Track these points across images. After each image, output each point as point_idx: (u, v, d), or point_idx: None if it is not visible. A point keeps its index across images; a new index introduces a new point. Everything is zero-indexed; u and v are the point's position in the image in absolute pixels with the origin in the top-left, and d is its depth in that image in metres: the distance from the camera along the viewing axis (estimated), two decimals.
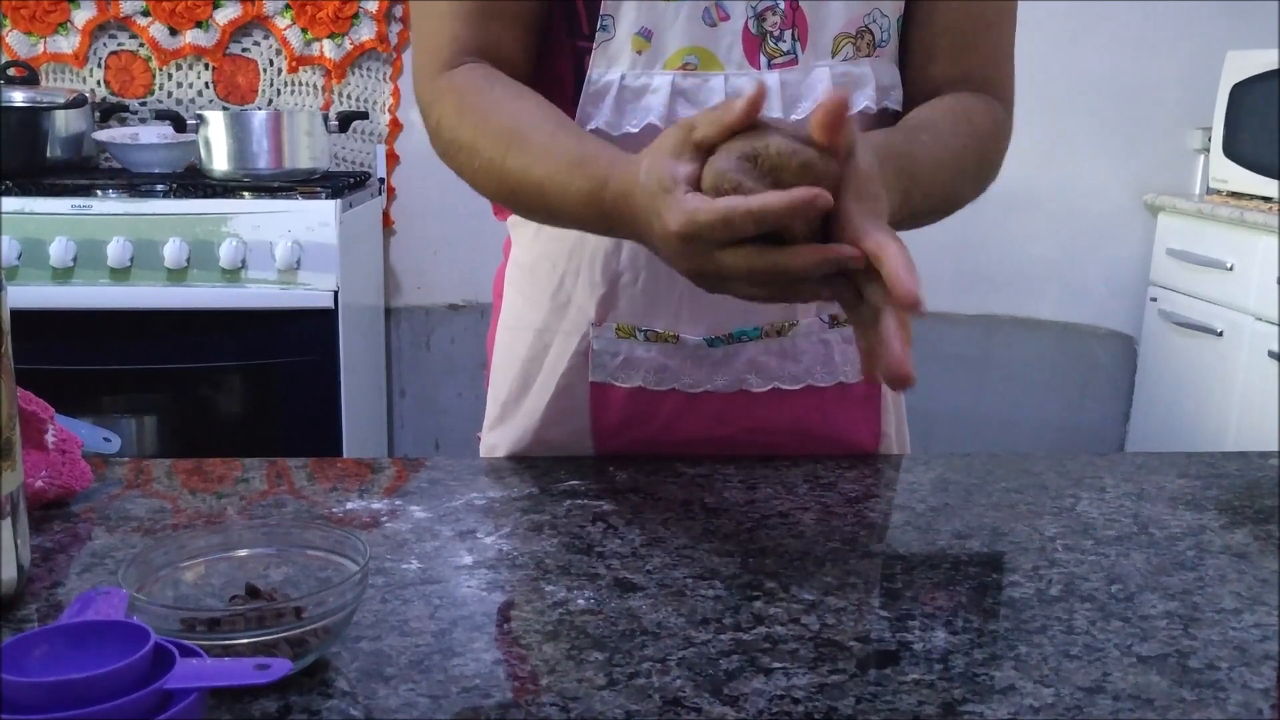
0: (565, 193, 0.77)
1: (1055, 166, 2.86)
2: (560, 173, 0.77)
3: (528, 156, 0.80)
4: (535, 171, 0.79)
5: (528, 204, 0.84)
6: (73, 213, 2.14)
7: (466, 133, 0.84)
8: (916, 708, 0.57)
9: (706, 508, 0.86)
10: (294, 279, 2.18)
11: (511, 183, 0.82)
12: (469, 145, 0.84)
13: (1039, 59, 2.77)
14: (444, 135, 0.87)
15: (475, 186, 0.86)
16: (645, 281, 0.92)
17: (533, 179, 0.79)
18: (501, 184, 0.83)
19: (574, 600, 0.69)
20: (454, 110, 0.85)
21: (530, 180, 0.80)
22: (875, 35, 0.90)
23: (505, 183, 0.82)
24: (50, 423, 0.85)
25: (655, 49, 0.87)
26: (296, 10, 2.66)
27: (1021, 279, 2.91)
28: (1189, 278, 2.71)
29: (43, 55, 2.64)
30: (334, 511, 0.84)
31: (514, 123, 0.82)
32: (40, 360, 1.72)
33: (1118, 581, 0.73)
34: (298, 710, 0.56)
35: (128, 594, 0.57)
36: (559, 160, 0.78)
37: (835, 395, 0.98)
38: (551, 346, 0.97)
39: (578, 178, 0.76)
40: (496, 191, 0.85)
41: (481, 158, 0.83)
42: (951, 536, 0.81)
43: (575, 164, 0.77)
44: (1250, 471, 0.98)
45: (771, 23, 0.87)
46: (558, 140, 0.80)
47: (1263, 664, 0.63)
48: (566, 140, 0.79)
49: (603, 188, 0.74)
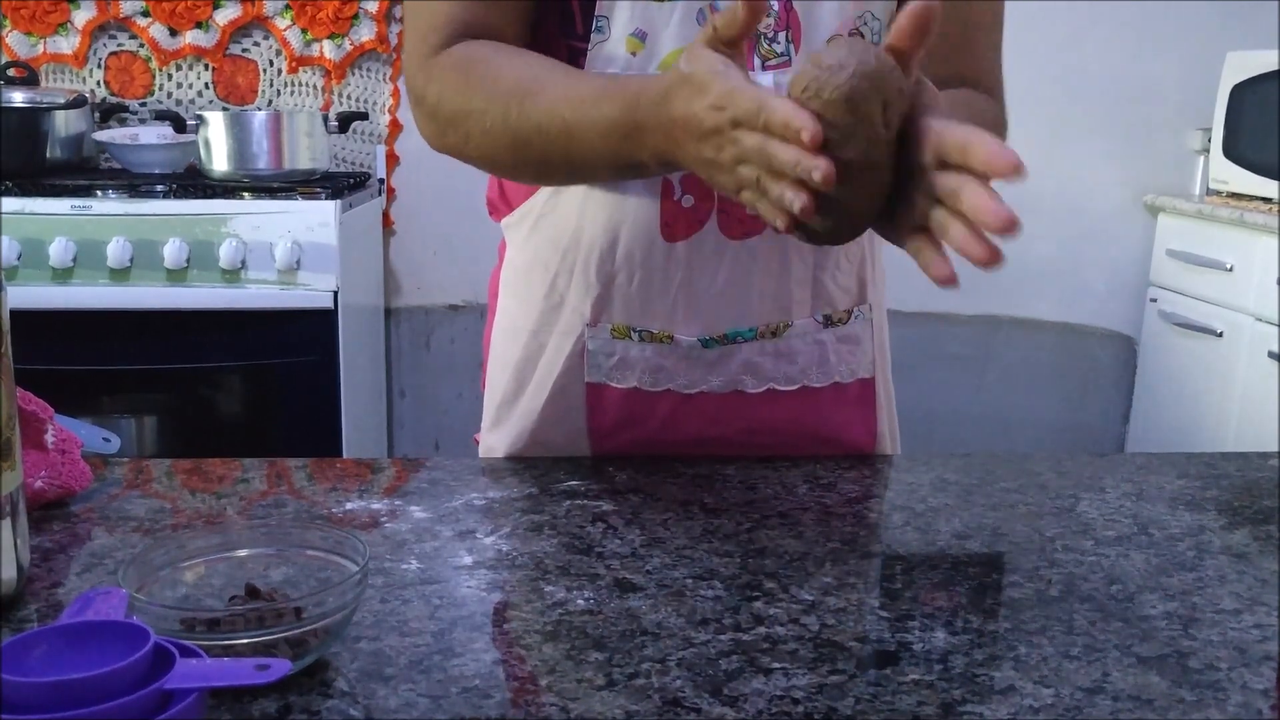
0: (593, 124, 0.78)
1: (1055, 166, 2.86)
2: (587, 104, 0.78)
3: (548, 99, 0.80)
4: (557, 112, 0.79)
5: (544, 149, 0.82)
6: (73, 213, 2.14)
7: (475, 98, 0.84)
8: (916, 708, 0.57)
9: (706, 508, 0.86)
10: (294, 279, 2.18)
11: (529, 129, 0.81)
12: (479, 109, 0.83)
13: (1039, 59, 2.77)
14: (445, 109, 0.86)
15: (480, 153, 0.86)
16: (640, 281, 0.92)
17: (554, 119, 0.80)
18: (516, 135, 0.82)
19: (574, 600, 0.69)
20: (457, 80, 0.85)
21: (551, 121, 0.80)
22: (866, 37, 0.91)
23: (521, 132, 0.82)
24: (50, 423, 0.85)
25: (649, 50, 0.87)
26: (296, 11, 2.66)
27: (1022, 279, 2.91)
28: (1189, 278, 2.71)
29: (43, 55, 2.64)
30: (334, 512, 0.84)
31: (529, 73, 0.82)
32: (40, 360, 1.72)
33: (1118, 582, 0.73)
34: (298, 710, 0.56)
35: (128, 594, 0.57)
36: (584, 96, 0.79)
37: (830, 396, 0.98)
38: (546, 348, 0.97)
39: (605, 106, 0.77)
40: (511, 144, 0.83)
41: (492, 115, 0.83)
42: (951, 536, 0.81)
43: (602, 95, 0.78)
44: (1250, 471, 0.98)
45: (765, 24, 0.88)
46: (576, 81, 0.81)
47: (1263, 664, 0.63)
48: (585, 81, 0.81)
49: (635, 105, 0.75)
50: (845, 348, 0.98)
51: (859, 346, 0.99)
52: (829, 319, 0.97)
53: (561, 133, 0.79)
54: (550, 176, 0.91)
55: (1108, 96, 2.86)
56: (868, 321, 1.00)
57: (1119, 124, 2.88)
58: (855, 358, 0.99)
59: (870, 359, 1.00)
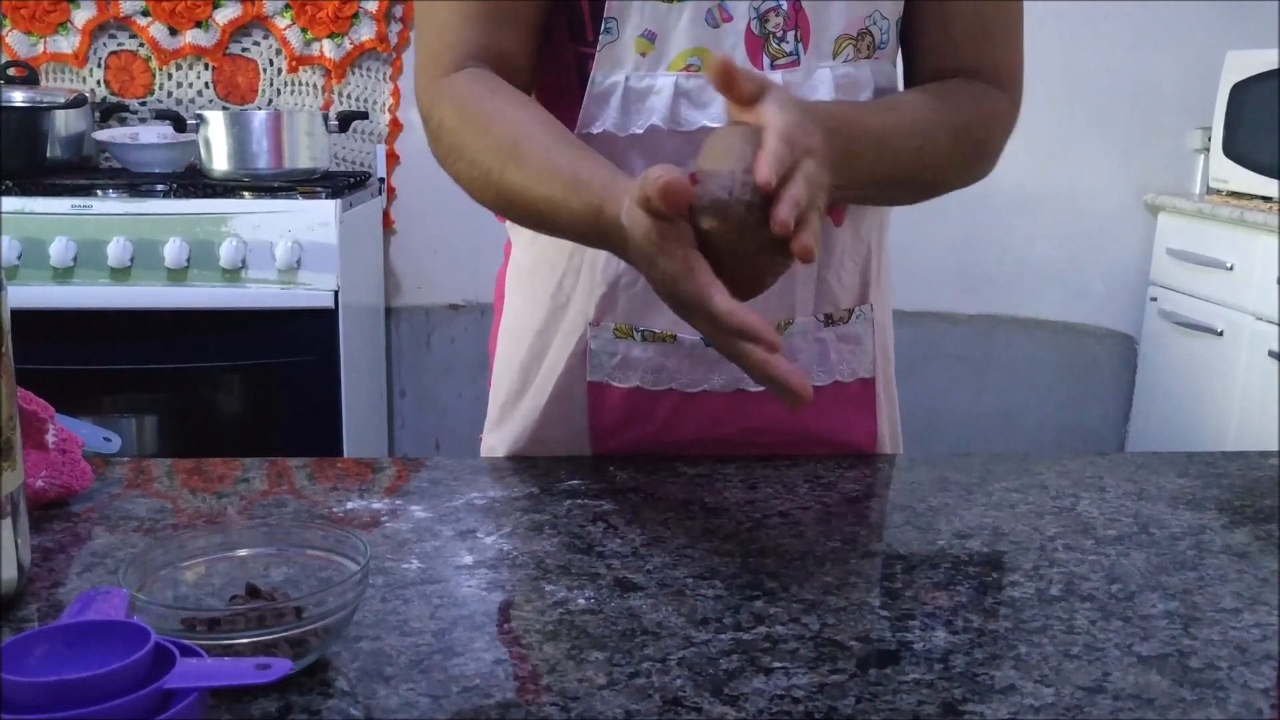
0: (562, 212, 0.78)
1: (1055, 166, 2.86)
2: (557, 193, 0.78)
3: (526, 173, 0.80)
4: (533, 190, 0.80)
5: (525, 219, 0.85)
6: (73, 213, 2.14)
7: (467, 141, 0.84)
8: (916, 707, 0.57)
9: (706, 507, 0.86)
10: (294, 279, 2.18)
11: (509, 196, 0.83)
12: (469, 155, 0.84)
13: (1039, 59, 2.74)
14: (444, 141, 0.87)
15: (473, 195, 0.87)
16: (645, 281, 0.92)
17: (531, 197, 0.80)
18: (499, 196, 0.84)
19: (574, 600, 0.69)
20: (454, 116, 0.86)
21: (528, 198, 0.81)
22: (875, 37, 0.91)
23: (503, 195, 0.83)
24: (50, 423, 0.85)
25: (659, 51, 0.87)
26: (296, 10, 2.66)
27: (1022, 279, 2.91)
28: (1189, 277, 2.71)
29: (43, 55, 2.64)
30: (334, 511, 0.84)
31: (513, 135, 0.82)
32: (40, 360, 1.72)
33: (1118, 581, 0.73)
34: (298, 710, 0.56)
35: (128, 594, 0.57)
36: (555, 181, 0.79)
37: (831, 395, 0.98)
38: (550, 347, 0.97)
39: (574, 200, 0.77)
40: (495, 203, 0.86)
41: (480, 168, 0.84)
42: (951, 536, 0.81)
43: (571, 186, 0.77)
44: (1250, 471, 0.98)
45: (774, 24, 0.88)
46: (554, 158, 0.80)
47: (1263, 664, 0.63)
48: (562, 159, 0.80)
49: (599, 213, 0.75)
50: (846, 347, 0.98)
51: (860, 346, 0.99)
52: (830, 318, 0.97)
53: (537, 210, 0.81)
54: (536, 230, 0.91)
55: (1108, 96, 2.86)
56: (869, 321, 1.00)
57: (1119, 124, 2.88)
58: (856, 357, 0.99)
59: (871, 359, 1.00)
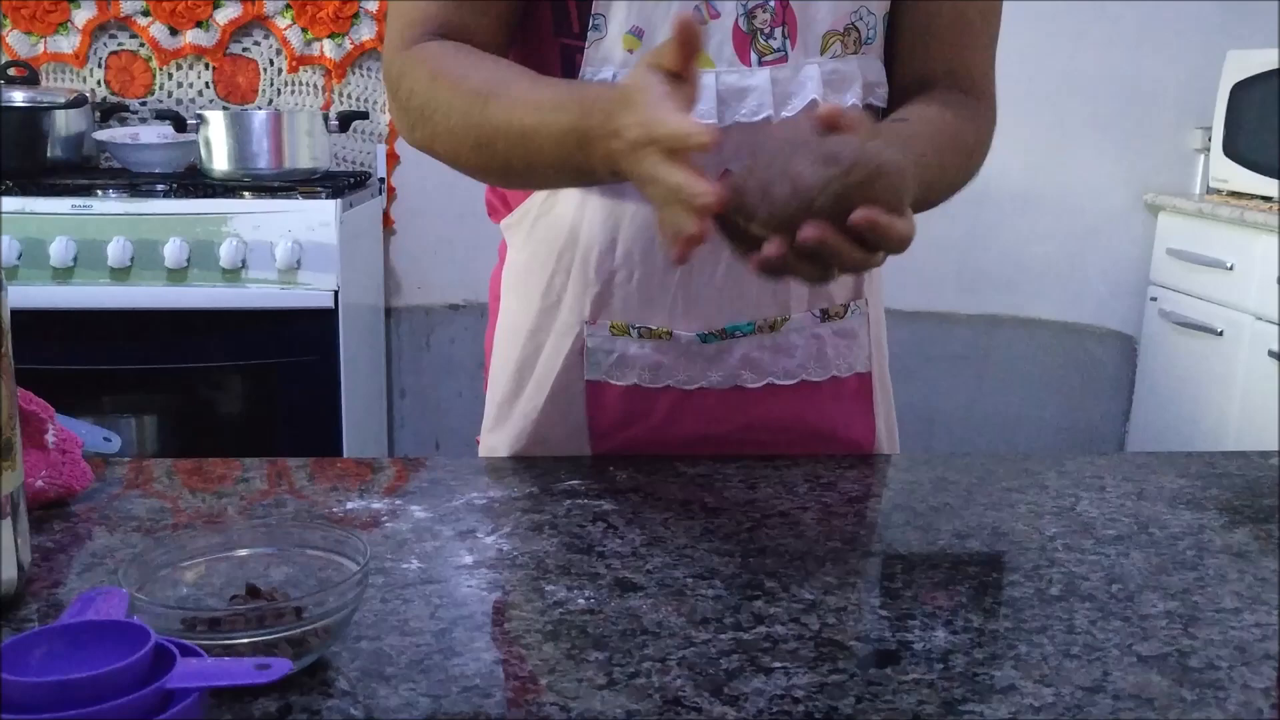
0: (549, 130, 0.78)
1: (1055, 166, 2.86)
2: (545, 110, 0.78)
3: (508, 104, 0.81)
4: (519, 114, 0.80)
5: (505, 153, 0.83)
6: (73, 213, 2.14)
7: (441, 94, 0.84)
8: (916, 707, 0.57)
9: (706, 507, 0.86)
10: (294, 279, 2.18)
11: (489, 131, 0.82)
12: (444, 105, 0.84)
13: (1039, 59, 2.77)
14: (414, 103, 0.86)
15: (446, 151, 0.86)
16: (640, 278, 0.93)
17: (516, 122, 0.80)
18: (479, 137, 0.83)
19: (574, 600, 0.69)
20: (427, 76, 0.85)
21: (510, 130, 0.80)
22: (862, 33, 0.91)
23: (482, 133, 0.82)
24: (50, 423, 0.85)
25: (646, 47, 0.87)
26: (296, 10, 2.66)
27: (1022, 279, 2.91)
28: (1189, 277, 2.71)
29: (43, 55, 2.64)
30: (334, 511, 0.84)
31: (494, 76, 0.83)
32: (40, 360, 1.72)
33: (1118, 581, 0.73)
34: (298, 710, 0.56)
35: (128, 594, 0.57)
36: (543, 101, 0.79)
37: (829, 391, 0.99)
38: (545, 347, 0.97)
39: (561, 113, 0.77)
40: (473, 145, 0.84)
41: (457, 113, 0.83)
42: (951, 536, 0.81)
43: (559, 102, 0.78)
44: (1250, 471, 0.98)
45: (762, 20, 0.88)
46: (541, 85, 0.81)
47: (1263, 664, 0.63)
48: (551, 85, 0.81)
49: (587, 113, 0.75)
50: (842, 342, 0.98)
51: (855, 341, 0.99)
52: (826, 313, 0.97)
53: (520, 137, 0.80)
54: (512, 180, 0.92)
55: (1108, 96, 2.86)
56: (864, 316, 1.00)
57: (1119, 123, 2.88)
58: (852, 352, 0.99)
59: (867, 354, 1.01)
